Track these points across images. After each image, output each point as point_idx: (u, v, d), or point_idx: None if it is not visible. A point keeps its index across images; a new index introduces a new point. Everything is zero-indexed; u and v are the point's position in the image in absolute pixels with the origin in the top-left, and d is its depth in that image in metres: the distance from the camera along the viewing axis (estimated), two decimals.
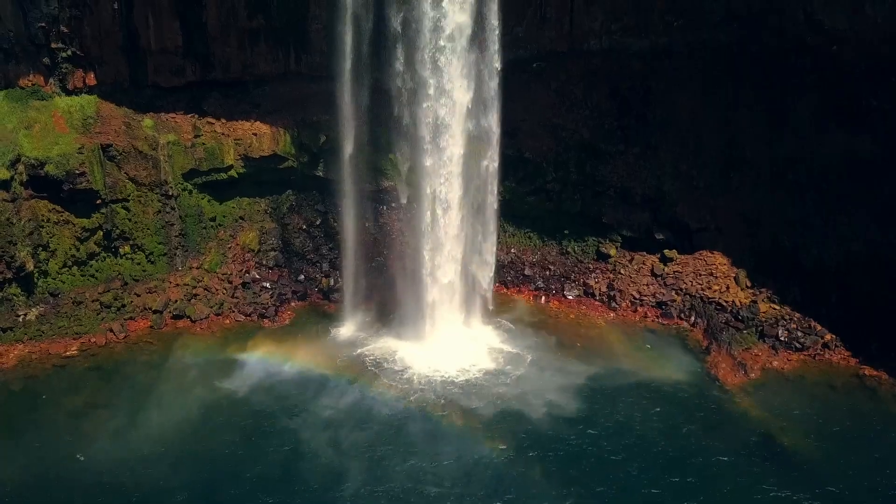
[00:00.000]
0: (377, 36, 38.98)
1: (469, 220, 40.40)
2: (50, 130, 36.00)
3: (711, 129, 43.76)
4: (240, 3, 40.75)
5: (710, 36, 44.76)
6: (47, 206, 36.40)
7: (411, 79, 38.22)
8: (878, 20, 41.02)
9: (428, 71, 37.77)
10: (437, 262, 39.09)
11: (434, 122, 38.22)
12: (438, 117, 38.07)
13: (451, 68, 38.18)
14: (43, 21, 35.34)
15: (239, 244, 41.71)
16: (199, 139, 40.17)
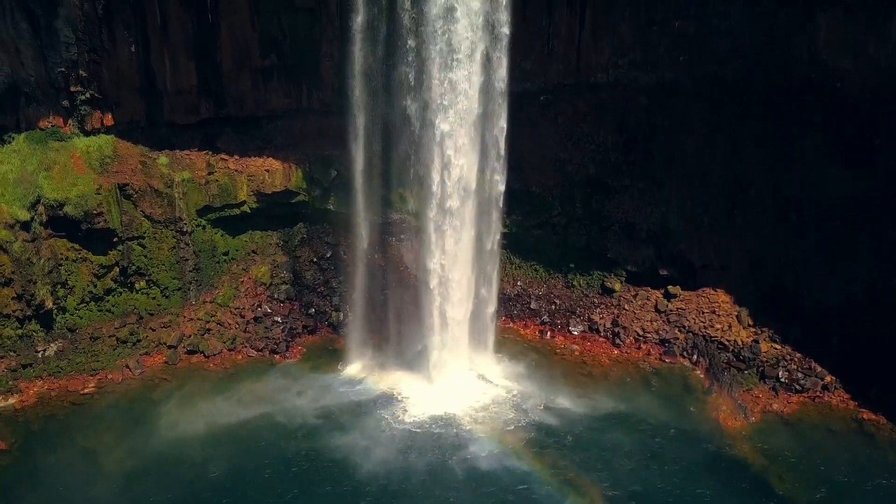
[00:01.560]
0: (387, 73, 39.75)
1: (476, 255, 41.15)
2: (69, 171, 36.99)
3: (716, 165, 44.28)
4: (253, 44, 41.64)
5: (716, 72, 45.32)
6: (66, 245, 37.43)
7: (420, 116, 38.98)
8: (880, 60, 41.67)
9: (435, 109, 38.50)
10: (443, 297, 39.89)
11: (441, 158, 39.00)
12: (445, 154, 38.83)
13: (459, 107, 38.89)
14: (63, 66, 36.29)
15: (251, 278, 42.66)
16: (213, 176, 41.10)
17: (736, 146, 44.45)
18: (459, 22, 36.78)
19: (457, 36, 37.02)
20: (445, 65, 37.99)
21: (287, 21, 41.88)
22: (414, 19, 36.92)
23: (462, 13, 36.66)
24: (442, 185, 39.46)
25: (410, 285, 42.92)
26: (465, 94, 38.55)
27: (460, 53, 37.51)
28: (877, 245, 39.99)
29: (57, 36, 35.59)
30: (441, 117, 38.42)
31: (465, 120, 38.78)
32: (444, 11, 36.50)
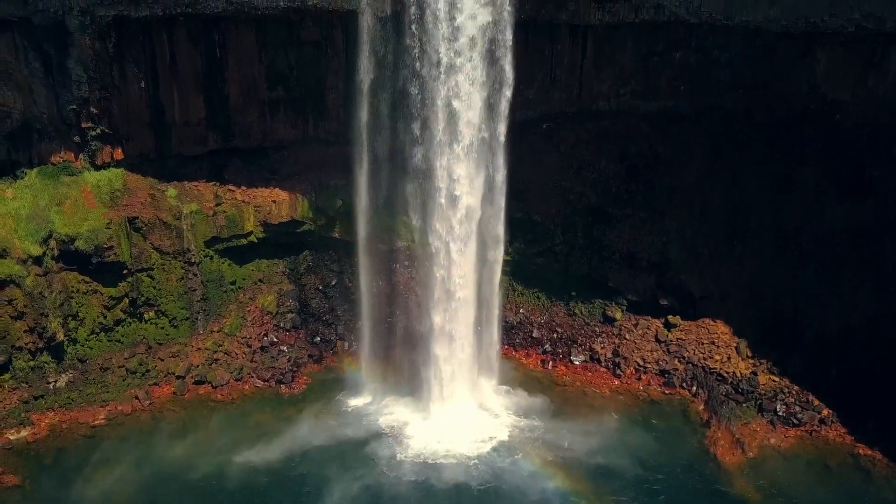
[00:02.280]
0: (392, 104, 40.40)
1: (480, 285, 41.78)
2: (80, 206, 37.72)
3: (717, 195, 44.87)
4: (260, 77, 42.38)
5: (717, 101, 45.95)
6: (77, 278, 38.14)
7: (423, 146, 39.65)
8: (878, 94, 42.25)
9: (439, 140, 39.15)
10: (447, 327, 40.55)
11: (445, 188, 39.67)
12: (449, 183, 39.48)
13: (462, 138, 39.54)
14: (74, 103, 37.03)
15: (258, 307, 43.37)
16: (221, 207, 41.81)
17: (736, 176, 45.05)
18: (463, 54, 37.37)
19: (460, 67, 37.59)
20: (449, 96, 38.61)
21: (293, 55, 42.62)
22: (418, 52, 37.50)
23: (465, 45, 37.23)
24: (446, 214, 40.13)
25: (414, 314, 43.56)
26: (469, 125, 39.20)
27: (463, 84, 38.10)
28: (875, 276, 40.54)
29: (69, 75, 36.30)
30: (444, 148, 39.05)
31: (468, 151, 39.44)
32: (448, 43, 37.11)
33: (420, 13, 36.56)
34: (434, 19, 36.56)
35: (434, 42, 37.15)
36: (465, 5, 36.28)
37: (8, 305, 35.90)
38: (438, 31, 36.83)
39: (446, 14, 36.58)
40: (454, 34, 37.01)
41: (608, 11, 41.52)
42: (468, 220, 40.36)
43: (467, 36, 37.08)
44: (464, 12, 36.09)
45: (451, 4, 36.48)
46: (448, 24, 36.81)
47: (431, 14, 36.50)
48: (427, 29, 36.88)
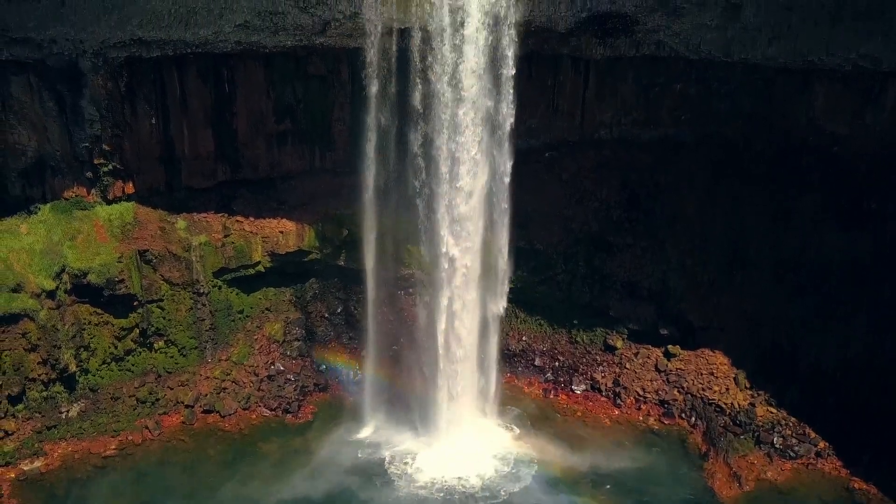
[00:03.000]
0: (398, 136, 41.20)
1: (483, 314, 42.59)
2: (92, 240, 38.65)
3: (716, 225, 45.54)
4: (268, 110, 43.25)
5: (717, 130, 46.66)
6: (89, 310, 39.05)
7: (428, 177, 40.47)
8: (876, 128, 42.89)
9: (443, 170, 39.97)
10: (450, 356, 41.35)
11: (451, 214, 40.48)
12: (455, 209, 40.29)
13: (466, 169, 40.33)
14: (87, 141, 37.96)
15: (265, 335, 44.24)
16: (229, 238, 42.68)
17: (735, 205, 45.67)
18: (466, 89, 38.15)
19: (464, 100, 38.40)
20: (453, 127, 39.42)
21: (300, 88, 43.49)
22: (422, 85, 38.32)
23: (469, 80, 38.01)
24: (450, 243, 40.96)
25: (419, 341, 44.38)
26: (473, 158, 40.04)
27: (467, 117, 38.92)
28: (871, 309, 41.13)
29: (82, 114, 37.23)
30: (448, 179, 39.87)
31: (472, 181, 40.27)
32: (452, 76, 37.92)
33: (424, 50, 37.32)
34: (439, 56, 37.32)
35: (438, 77, 37.94)
36: (469, 42, 37.02)
37: (22, 338, 36.82)
38: (442, 68, 37.59)
39: (450, 49, 37.34)
40: (457, 69, 37.78)
41: (609, 46, 42.23)
42: (472, 250, 41.15)
43: (470, 70, 37.82)
44: (468, 49, 36.80)
45: (455, 43, 37.23)
46: (451, 61, 37.56)
47: (436, 50, 37.26)
48: (431, 64, 37.66)
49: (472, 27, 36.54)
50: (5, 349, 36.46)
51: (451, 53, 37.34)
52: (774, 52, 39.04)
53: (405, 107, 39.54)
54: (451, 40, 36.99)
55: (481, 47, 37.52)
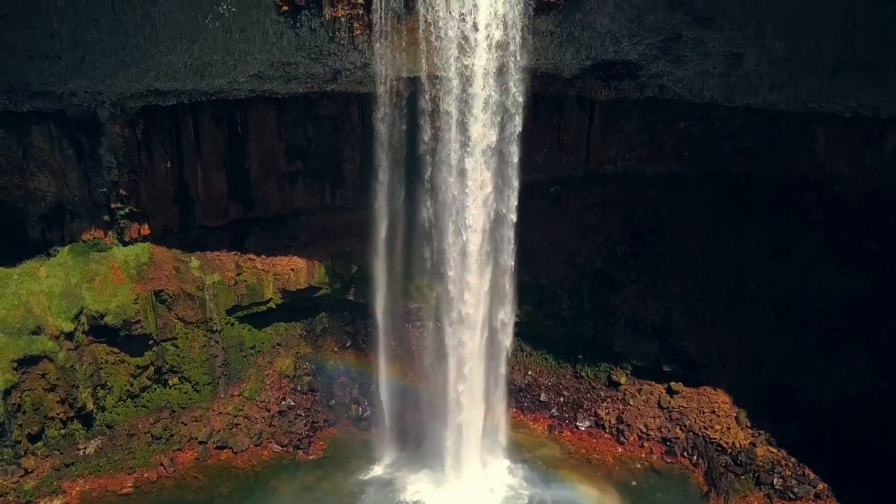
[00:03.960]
0: (407, 174, 42.14)
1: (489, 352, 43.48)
2: (109, 282, 39.72)
3: (718, 261, 46.40)
4: (280, 152, 44.32)
5: (720, 168, 47.57)
6: (106, 350, 40.15)
7: (436, 213, 41.43)
8: (877, 169, 43.72)
9: (451, 211, 40.87)
10: (458, 392, 42.27)
11: (458, 250, 41.41)
12: (462, 245, 41.21)
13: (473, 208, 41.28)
14: (104, 187, 39.02)
15: (276, 370, 45.28)
16: (241, 276, 43.71)
17: (737, 241, 46.57)
18: (473, 132, 39.07)
19: (471, 144, 39.33)
20: (460, 168, 40.37)
21: (312, 129, 44.56)
22: (431, 128, 39.25)
23: (476, 124, 38.93)
24: (457, 278, 41.91)
25: (426, 376, 45.34)
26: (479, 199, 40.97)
27: (474, 159, 39.84)
28: (871, 348, 41.93)
29: (100, 161, 38.31)
30: (456, 217, 40.85)
31: (479, 219, 41.23)
32: (459, 120, 38.87)
33: (433, 96, 38.25)
34: (446, 102, 38.22)
35: (445, 121, 38.90)
36: (476, 89, 37.94)
37: (42, 379, 37.91)
38: (449, 113, 38.51)
39: (458, 96, 38.25)
40: (464, 114, 38.71)
41: (614, 88, 43.10)
42: (479, 285, 42.08)
43: (477, 115, 38.76)
44: (474, 94, 37.70)
45: (462, 89, 38.15)
46: (459, 107, 38.50)
47: (444, 96, 38.17)
48: (439, 109, 38.59)
49: (479, 75, 37.42)
50: (26, 390, 37.52)
51: (459, 99, 38.23)
52: (776, 98, 39.81)
53: (414, 147, 40.46)
54: (458, 87, 37.88)
55: (488, 94, 38.40)
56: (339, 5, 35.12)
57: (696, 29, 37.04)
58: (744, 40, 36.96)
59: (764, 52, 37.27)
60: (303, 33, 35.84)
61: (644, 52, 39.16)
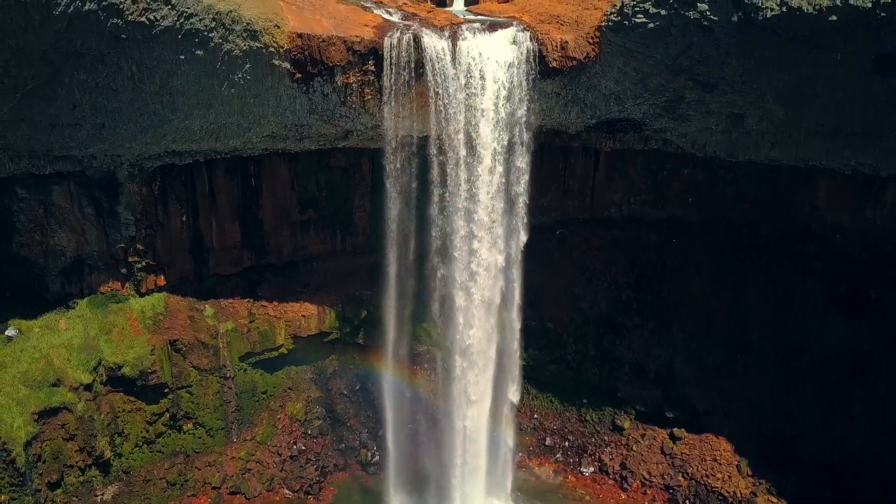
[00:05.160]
0: (417, 222, 43.13)
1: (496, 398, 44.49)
2: (126, 334, 40.89)
3: (721, 308, 47.24)
4: (292, 201, 45.45)
5: (723, 214, 48.38)
6: (123, 399, 41.29)
7: (444, 262, 42.46)
8: (877, 221, 44.45)
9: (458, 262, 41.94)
10: (465, 437, 43.27)
11: (465, 297, 42.43)
12: (469, 292, 42.24)
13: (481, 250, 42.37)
14: (122, 242, 40.19)
15: (287, 414, 46.36)
16: (254, 324, 44.81)
17: (740, 289, 47.37)
18: (481, 185, 40.11)
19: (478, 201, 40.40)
20: (468, 217, 41.43)
21: (323, 178, 45.68)
22: (440, 181, 40.32)
23: (484, 176, 39.98)
24: (464, 323, 42.94)
25: (433, 420, 46.38)
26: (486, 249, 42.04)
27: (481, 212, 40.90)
28: (869, 400, 42.66)
29: (118, 218, 39.48)
30: (463, 267, 41.88)
31: (485, 268, 42.27)
32: (468, 175, 39.94)
33: (442, 152, 39.31)
34: (455, 158, 39.29)
35: (453, 176, 39.96)
36: (483, 147, 39.01)
37: (61, 429, 39.04)
38: (458, 168, 39.59)
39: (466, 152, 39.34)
40: (473, 169, 39.79)
41: (619, 140, 44.08)
42: (486, 332, 43.11)
43: (485, 167, 39.84)
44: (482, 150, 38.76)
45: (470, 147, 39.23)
46: (467, 162, 39.57)
47: (452, 153, 39.24)
48: (448, 164, 39.65)
49: (486, 133, 38.51)
50: (46, 440, 38.64)
51: (467, 156, 39.33)
52: (777, 154, 40.59)
53: (423, 198, 41.52)
54: (466, 144, 38.97)
55: (494, 150, 39.50)
56: (350, 72, 36.22)
57: (699, 92, 37.92)
58: (745, 103, 37.80)
59: (765, 114, 38.11)
60: (315, 98, 36.96)
61: (648, 111, 40.09)
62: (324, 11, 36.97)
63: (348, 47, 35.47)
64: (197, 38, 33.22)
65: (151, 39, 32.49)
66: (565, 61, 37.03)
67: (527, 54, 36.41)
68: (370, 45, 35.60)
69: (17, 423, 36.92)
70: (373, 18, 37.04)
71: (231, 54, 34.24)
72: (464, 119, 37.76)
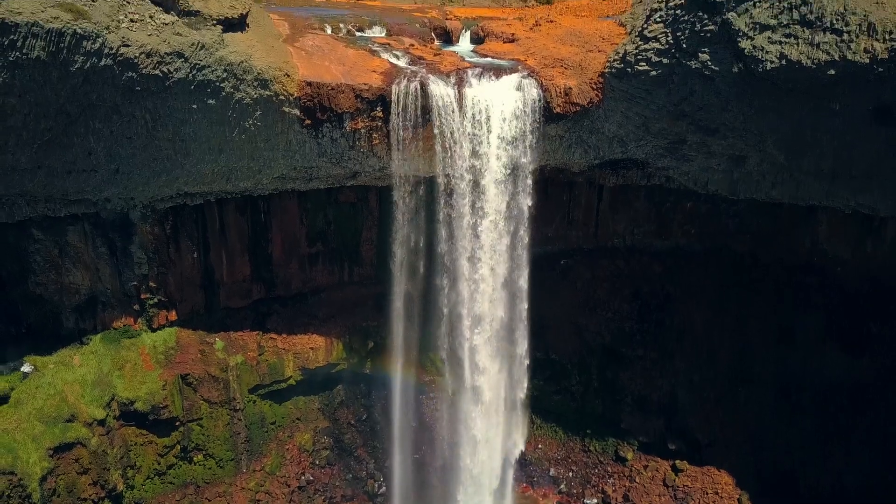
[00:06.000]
0: (426, 253, 43.90)
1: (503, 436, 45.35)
2: (139, 369, 41.75)
3: (723, 340, 47.91)
4: (301, 236, 46.23)
5: (725, 244, 49.04)
6: (135, 432, 42.14)
7: (450, 293, 43.23)
8: (877, 256, 45.07)
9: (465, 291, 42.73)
10: (471, 469, 44.09)
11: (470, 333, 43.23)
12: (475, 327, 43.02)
13: (486, 285, 43.16)
14: (135, 280, 41.04)
15: (296, 444, 47.16)
16: (263, 357, 45.63)
17: (741, 321, 48.02)
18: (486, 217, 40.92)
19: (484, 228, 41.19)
20: (473, 251, 42.23)
21: (332, 213, 46.46)
22: (445, 219, 41.12)
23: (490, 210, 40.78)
24: (470, 354, 43.79)
25: (440, 449, 47.16)
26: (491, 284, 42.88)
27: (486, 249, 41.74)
28: (869, 435, 43.28)
29: (131, 257, 40.33)
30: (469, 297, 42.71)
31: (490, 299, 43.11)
32: (472, 213, 40.75)
33: (447, 192, 40.11)
34: (460, 197, 40.10)
35: (459, 214, 40.79)
36: (488, 187, 39.80)
37: (75, 463, 39.89)
38: (463, 206, 40.42)
39: (471, 191, 40.12)
40: (478, 207, 40.59)
41: (622, 176, 44.79)
42: (492, 369, 43.92)
43: (490, 207, 40.64)
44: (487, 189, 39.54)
45: (476, 184, 40.01)
46: (472, 200, 40.38)
47: (458, 192, 40.04)
48: (453, 203, 40.47)
49: (491, 175, 39.33)
50: (60, 474, 39.49)
51: (472, 196, 40.12)
52: (777, 194, 41.31)
53: (430, 232, 42.33)
54: (471, 185, 39.78)
55: (499, 190, 40.32)
56: (359, 119, 37.04)
57: (700, 136, 38.66)
58: (746, 146, 38.52)
59: (766, 157, 38.80)
60: (324, 143, 37.81)
61: (650, 151, 40.84)
62: (332, 57, 37.74)
63: (357, 95, 36.26)
64: (209, 89, 34.07)
65: (165, 91, 33.32)
66: (569, 107, 37.79)
67: (531, 101, 37.15)
68: (378, 93, 36.39)
69: (32, 459, 37.81)
70: (380, 64, 37.77)
71: (242, 102, 35.09)
72: (469, 162, 38.57)
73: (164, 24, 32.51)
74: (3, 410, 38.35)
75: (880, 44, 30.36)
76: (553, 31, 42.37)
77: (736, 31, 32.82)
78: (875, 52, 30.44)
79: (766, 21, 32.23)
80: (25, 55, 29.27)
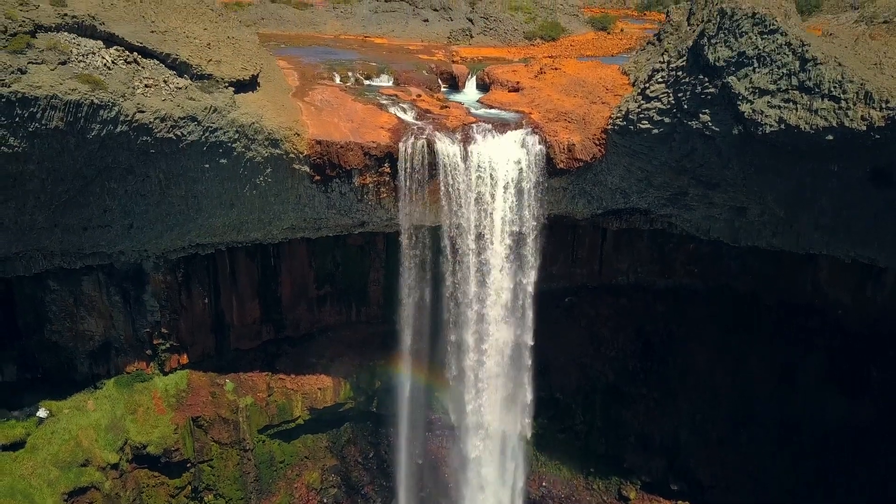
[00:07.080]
0: (432, 295, 44.62)
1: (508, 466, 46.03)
2: (151, 413, 42.67)
3: (725, 380, 48.57)
4: (310, 279, 47.10)
5: (727, 284, 49.69)
6: (147, 474, 43.08)
7: (456, 333, 43.97)
8: (877, 301, 45.67)
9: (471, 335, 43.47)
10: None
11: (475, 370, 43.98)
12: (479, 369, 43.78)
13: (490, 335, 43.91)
14: (148, 327, 42.00)
15: (304, 483, 48.02)
16: (272, 397, 46.49)
17: (743, 361, 48.70)
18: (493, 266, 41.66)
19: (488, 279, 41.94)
20: (478, 295, 42.96)
21: (340, 256, 47.29)
22: (452, 265, 41.86)
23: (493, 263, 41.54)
24: (473, 395, 44.52)
25: (445, 486, 47.91)
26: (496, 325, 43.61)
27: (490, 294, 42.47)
28: (868, 479, 43.86)
29: (144, 305, 41.28)
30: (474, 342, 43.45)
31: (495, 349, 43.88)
32: (478, 258, 41.49)
33: (453, 240, 40.85)
34: (466, 245, 40.84)
35: (464, 257, 41.51)
36: (493, 232, 40.50)
37: None
38: (468, 252, 41.14)
39: (476, 239, 40.85)
40: (483, 256, 41.34)
41: (625, 220, 45.45)
42: (497, 410, 44.67)
43: (495, 254, 41.34)
44: (492, 239, 40.25)
45: (481, 234, 40.76)
46: (477, 247, 41.12)
47: (463, 241, 40.78)
48: (459, 248, 41.21)
49: (496, 226, 40.04)
50: None
51: (477, 244, 40.87)
52: (778, 242, 41.84)
53: (436, 275, 43.06)
54: (476, 234, 40.49)
55: (504, 239, 41.03)
56: (367, 174, 37.87)
57: (702, 189, 39.33)
58: (746, 199, 39.15)
59: (766, 209, 39.41)
60: (333, 196, 38.64)
61: (653, 202, 41.50)
62: (341, 112, 38.56)
63: (365, 152, 37.08)
64: (221, 149, 34.96)
65: (178, 152, 34.23)
66: (572, 162, 38.52)
67: (535, 157, 37.89)
68: (386, 150, 37.21)
69: None
70: (388, 119, 38.56)
71: (253, 161, 35.95)
72: (474, 214, 39.29)
73: (178, 88, 33.38)
74: (19, 456, 39.30)
75: (877, 112, 31.00)
76: (557, 80, 43.04)
77: (736, 95, 33.50)
78: (872, 119, 31.08)
79: (765, 86, 32.91)
80: (44, 126, 30.20)
